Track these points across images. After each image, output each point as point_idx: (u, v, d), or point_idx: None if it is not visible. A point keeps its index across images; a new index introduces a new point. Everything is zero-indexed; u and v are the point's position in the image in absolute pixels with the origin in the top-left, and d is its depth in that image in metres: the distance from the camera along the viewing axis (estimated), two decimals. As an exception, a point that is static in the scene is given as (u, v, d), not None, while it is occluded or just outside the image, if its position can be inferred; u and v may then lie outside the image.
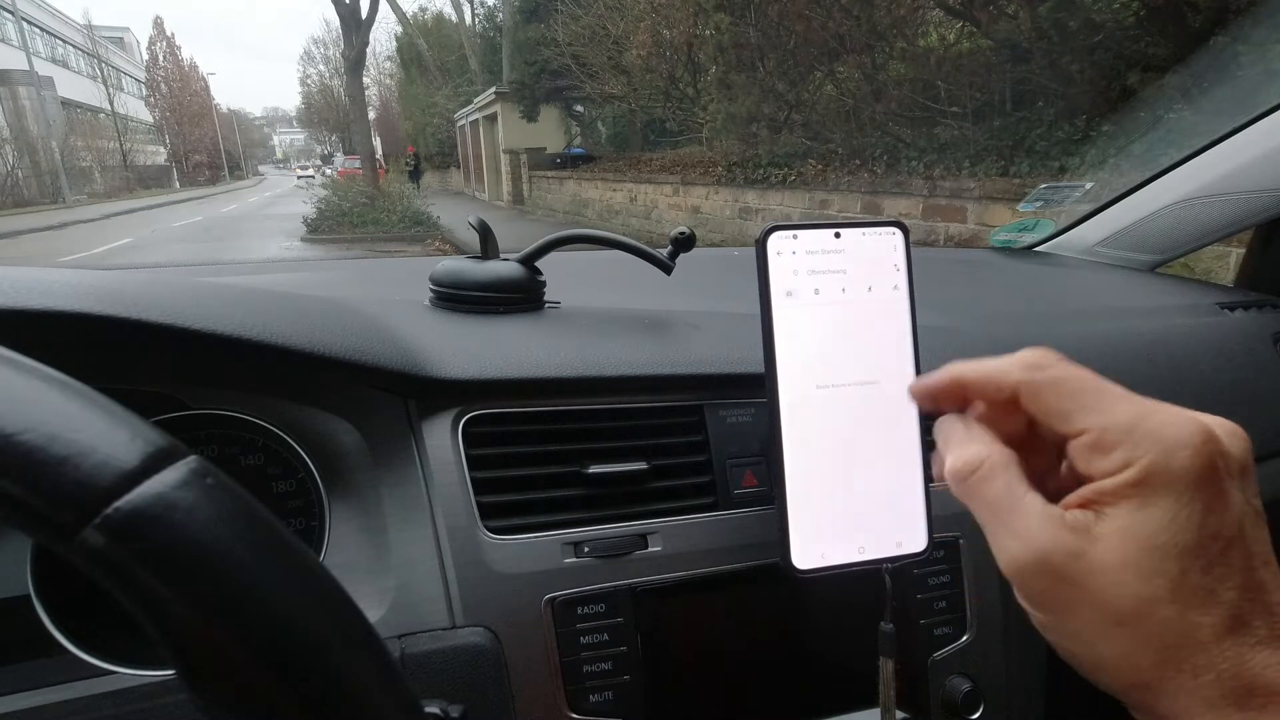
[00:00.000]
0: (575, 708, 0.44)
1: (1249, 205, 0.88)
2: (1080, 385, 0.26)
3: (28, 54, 23.60)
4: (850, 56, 5.52)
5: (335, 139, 58.45)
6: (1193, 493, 0.24)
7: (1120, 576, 0.24)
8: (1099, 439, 0.25)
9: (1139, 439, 0.25)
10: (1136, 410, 0.25)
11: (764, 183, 6.20)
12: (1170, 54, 3.51)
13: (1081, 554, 0.24)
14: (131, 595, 0.19)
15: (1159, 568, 0.24)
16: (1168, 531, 0.24)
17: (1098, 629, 0.25)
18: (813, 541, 0.42)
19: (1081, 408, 0.26)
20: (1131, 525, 0.24)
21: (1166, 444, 0.24)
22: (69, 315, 0.35)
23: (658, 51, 8.34)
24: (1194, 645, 0.23)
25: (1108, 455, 0.25)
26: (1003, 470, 0.27)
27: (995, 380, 0.28)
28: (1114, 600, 0.24)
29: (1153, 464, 0.24)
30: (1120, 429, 0.25)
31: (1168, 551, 0.24)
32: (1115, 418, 0.25)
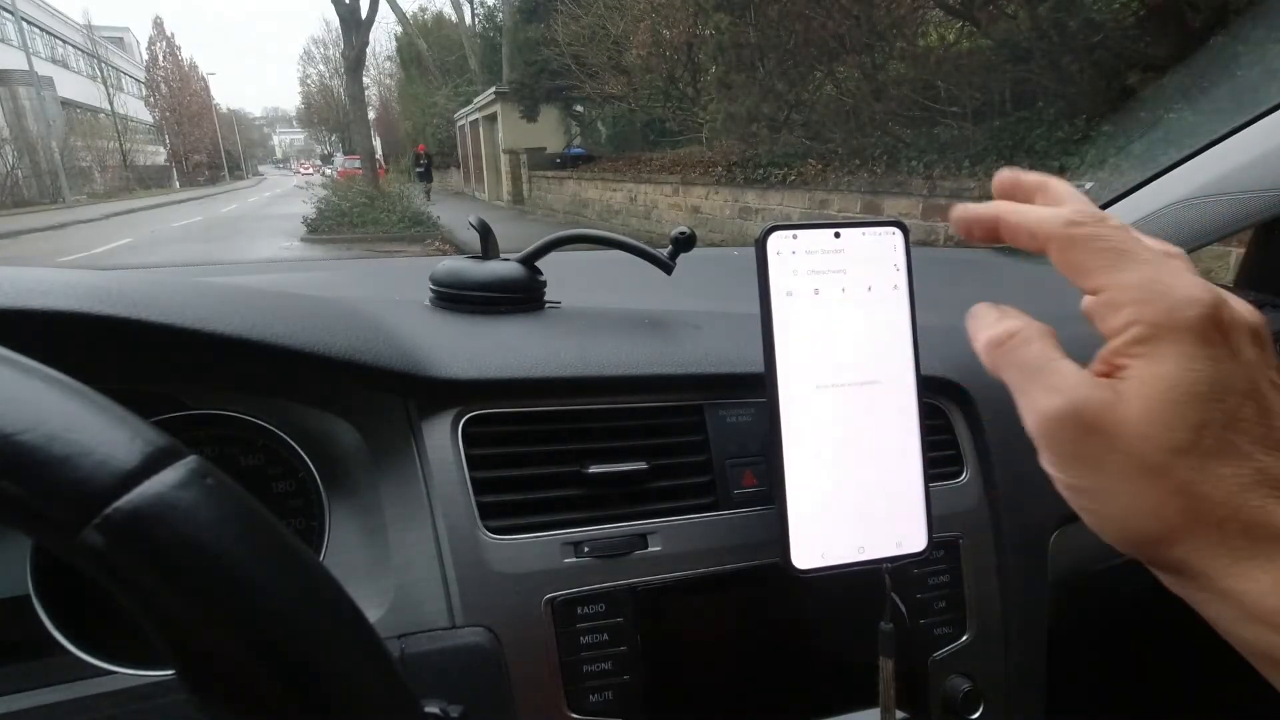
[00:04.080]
0: (575, 708, 0.44)
1: (1249, 205, 0.88)
2: (1109, 245, 0.27)
3: (28, 54, 23.58)
4: (850, 56, 5.52)
5: (335, 139, 58.46)
6: (1199, 344, 0.24)
7: (1146, 428, 0.24)
8: (1112, 297, 0.26)
9: (1147, 297, 0.25)
10: (1154, 272, 0.26)
11: (764, 183, 6.20)
12: (1170, 54, 3.51)
13: (1111, 405, 0.25)
14: (131, 595, 0.19)
15: (1180, 419, 0.24)
16: (1181, 383, 0.24)
17: (1125, 481, 0.25)
18: (813, 541, 0.42)
19: (1104, 265, 0.26)
20: (1147, 379, 0.24)
21: (1172, 301, 0.25)
22: (69, 315, 0.35)
23: (658, 51, 8.35)
24: (1219, 495, 0.24)
25: (1118, 313, 0.26)
26: (1039, 337, 0.28)
27: (1031, 228, 0.29)
28: (1141, 451, 0.24)
29: (1157, 319, 0.25)
30: (1133, 287, 0.25)
31: (1185, 403, 0.24)
32: (1131, 277, 0.26)
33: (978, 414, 0.56)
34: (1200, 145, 0.91)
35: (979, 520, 0.55)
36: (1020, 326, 0.29)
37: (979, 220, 0.31)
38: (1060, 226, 0.28)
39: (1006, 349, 0.29)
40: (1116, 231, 0.27)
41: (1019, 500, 0.55)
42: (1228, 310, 0.25)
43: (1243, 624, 0.24)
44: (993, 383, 0.60)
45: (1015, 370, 0.28)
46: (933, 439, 0.54)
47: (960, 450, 0.56)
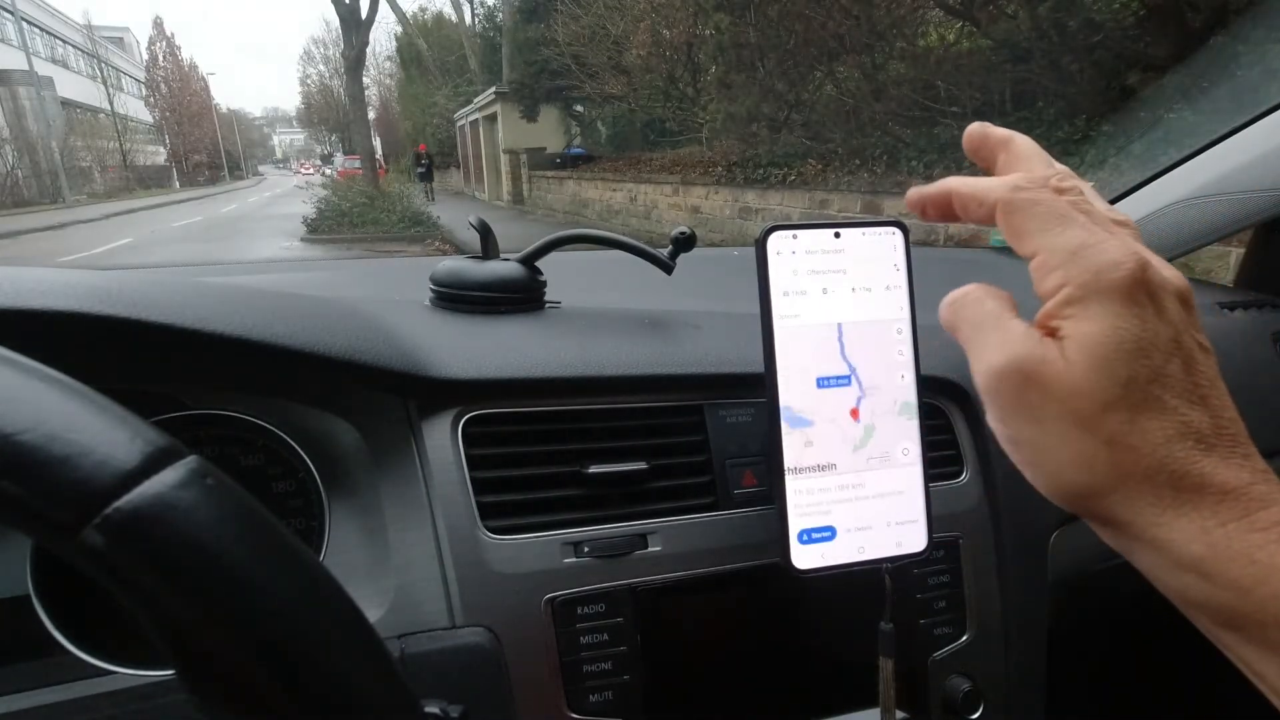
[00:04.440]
0: (575, 708, 0.44)
1: (1249, 205, 0.88)
2: (1048, 210, 0.28)
3: (28, 54, 23.59)
4: (850, 56, 5.52)
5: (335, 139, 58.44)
6: (1124, 303, 0.25)
7: (1078, 383, 0.25)
8: (1044, 260, 0.27)
9: (1076, 260, 0.26)
10: (1085, 236, 0.27)
11: (764, 183, 6.20)
12: (1170, 54, 3.51)
13: (1049, 361, 0.26)
14: (131, 595, 0.19)
15: (1109, 374, 0.25)
16: (1109, 340, 0.25)
17: (1059, 434, 0.26)
18: (812, 541, 0.42)
19: (1040, 229, 0.27)
20: (1078, 337, 0.26)
21: (1099, 264, 0.26)
22: (68, 315, 0.35)
23: (658, 51, 8.35)
24: (1146, 448, 0.25)
25: (1050, 275, 0.27)
26: (991, 297, 0.30)
27: (979, 195, 0.30)
28: (1074, 405, 0.26)
29: (1084, 283, 0.26)
30: (1062, 250, 0.27)
31: (1113, 359, 0.25)
32: (1062, 240, 0.27)
33: (978, 414, 0.56)
34: (1200, 145, 0.91)
35: (979, 520, 0.55)
36: (976, 290, 0.30)
37: (931, 199, 0.32)
38: (1005, 191, 0.29)
39: (960, 304, 0.30)
40: (1057, 198, 0.28)
41: (1019, 500, 0.55)
42: (1154, 272, 0.26)
43: (1170, 572, 0.25)
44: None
45: (967, 325, 0.30)
46: (933, 439, 0.54)
47: (960, 450, 0.56)
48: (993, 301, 0.29)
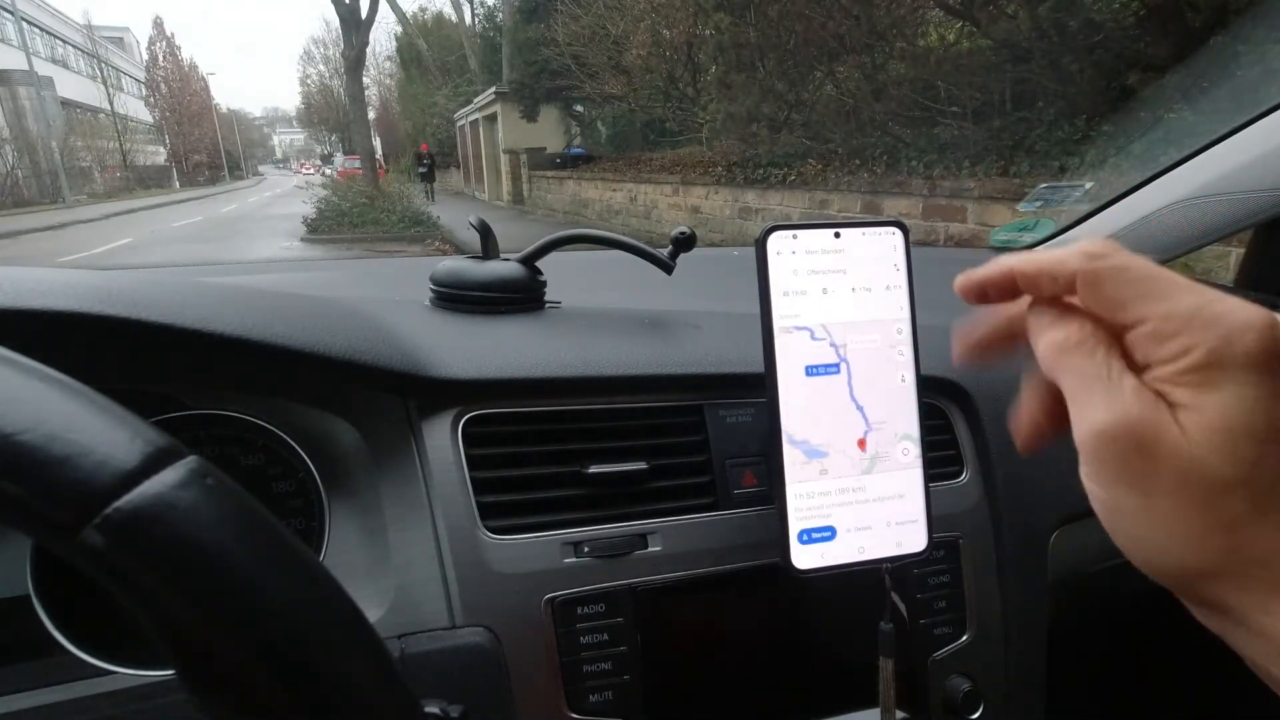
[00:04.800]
0: (575, 708, 0.44)
1: (1249, 205, 0.88)
2: (1141, 273, 0.26)
3: (28, 54, 23.58)
4: (850, 56, 5.52)
5: (335, 139, 58.44)
6: (1259, 375, 0.23)
7: (1200, 458, 0.23)
8: (1159, 327, 0.25)
9: (1200, 324, 0.24)
10: (1199, 297, 0.25)
11: (764, 183, 6.20)
12: (1170, 54, 3.51)
13: (1167, 429, 0.24)
14: (131, 595, 0.19)
15: (1235, 452, 0.23)
16: (1237, 414, 0.23)
17: (1169, 510, 0.24)
18: (812, 541, 0.42)
19: (1141, 295, 0.25)
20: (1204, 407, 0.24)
21: (1228, 328, 0.24)
22: (68, 315, 0.35)
23: (658, 51, 8.34)
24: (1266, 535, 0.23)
25: (1168, 342, 0.25)
26: (1104, 346, 0.27)
27: (1051, 270, 0.28)
28: (1191, 480, 0.24)
29: (1214, 348, 0.24)
30: (1181, 315, 0.24)
31: (1240, 435, 0.23)
32: (1176, 305, 0.25)
33: (978, 414, 0.56)
34: (1200, 145, 0.91)
35: (979, 520, 0.55)
36: (1088, 333, 0.27)
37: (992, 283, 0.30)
38: (1083, 261, 0.26)
39: (1069, 353, 0.27)
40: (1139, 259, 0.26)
41: (1019, 500, 0.55)
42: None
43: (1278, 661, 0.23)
44: (993, 383, 0.60)
45: (1074, 376, 0.27)
46: (933, 439, 0.54)
47: (960, 450, 0.56)
48: (1103, 350, 0.26)
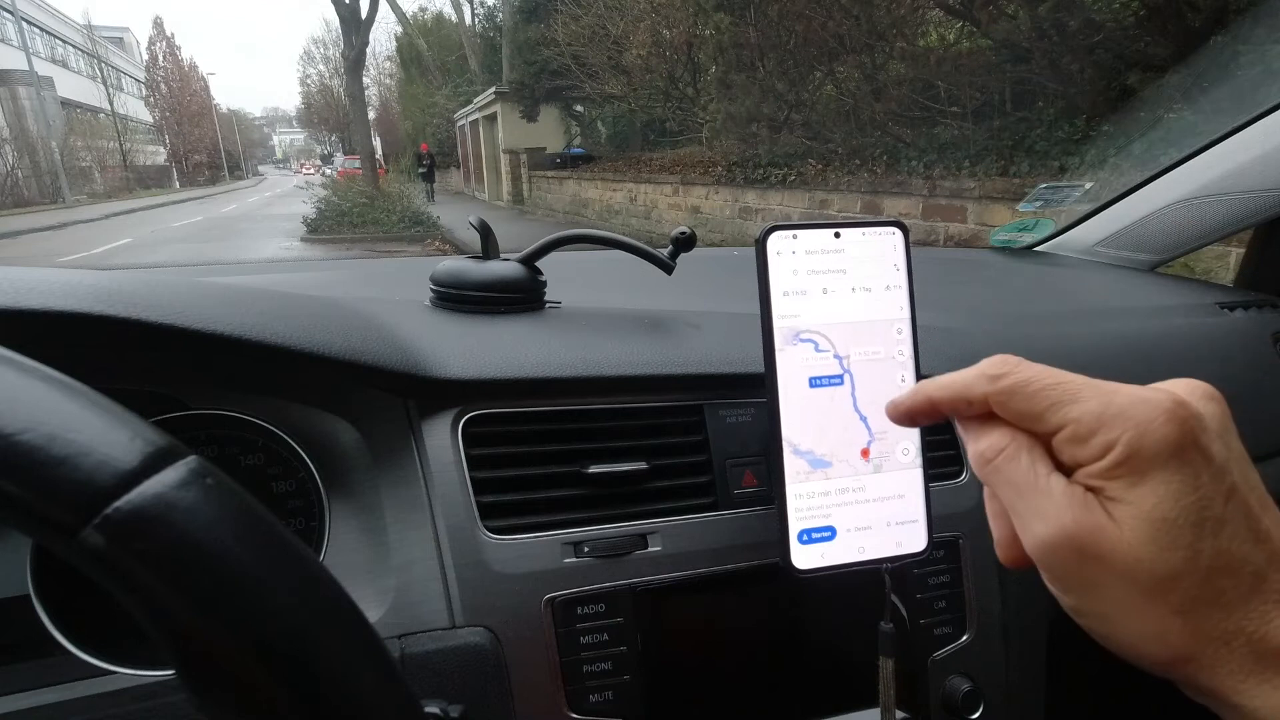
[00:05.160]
0: (575, 708, 0.44)
1: (1249, 205, 0.88)
2: (1043, 383, 0.27)
3: (28, 54, 23.59)
4: (850, 56, 5.52)
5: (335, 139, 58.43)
6: (1178, 461, 0.24)
7: (1140, 553, 0.24)
8: (1075, 431, 0.26)
9: (1111, 422, 0.25)
10: (1103, 395, 0.26)
11: (764, 183, 6.20)
12: (1170, 54, 3.51)
13: (1103, 530, 0.25)
14: (131, 595, 0.19)
15: (1174, 539, 0.24)
16: (1168, 503, 0.24)
17: (1126, 606, 0.25)
18: (812, 541, 0.42)
19: (1051, 405, 0.27)
20: (1135, 502, 0.24)
21: (1138, 421, 0.25)
22: (68, 315, 0.35)
23: (658, 51, 8.34)
24: (1220, 611, 0.24)
25: (1087, 443, 0.26)
26: (1026, 452, 0.28)
27: (963, 397, 0.29)
28: (1137, 576, 0.24)
29: (1130, 443, 0.25)
30: (1092, 416, 0.25)
31: (1176, 523, 0.24)
32: (1085, 407, 0.26)
33: (978, 414, 0.56)
34: (1200, 145, 0.91)
35: (979, 520, 0.55)
36: (1006, 441, 0.28)
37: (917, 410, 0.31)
38: (987, 384, 0.28)
39: (996, 465, 0.28)
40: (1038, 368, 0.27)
41: (1019, 500, 0.55)
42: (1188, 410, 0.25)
43: None
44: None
45: (1006, 487, 0.28)
46: (933, 439, 0.54)
47: (960, 450, 0.56)
48: (1027, 455, 0.27)
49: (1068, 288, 0.93)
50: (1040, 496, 0.26)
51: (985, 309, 0.75)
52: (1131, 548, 0.24)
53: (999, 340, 0.64)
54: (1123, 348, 0.70)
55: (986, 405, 0.28)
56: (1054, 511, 0.26)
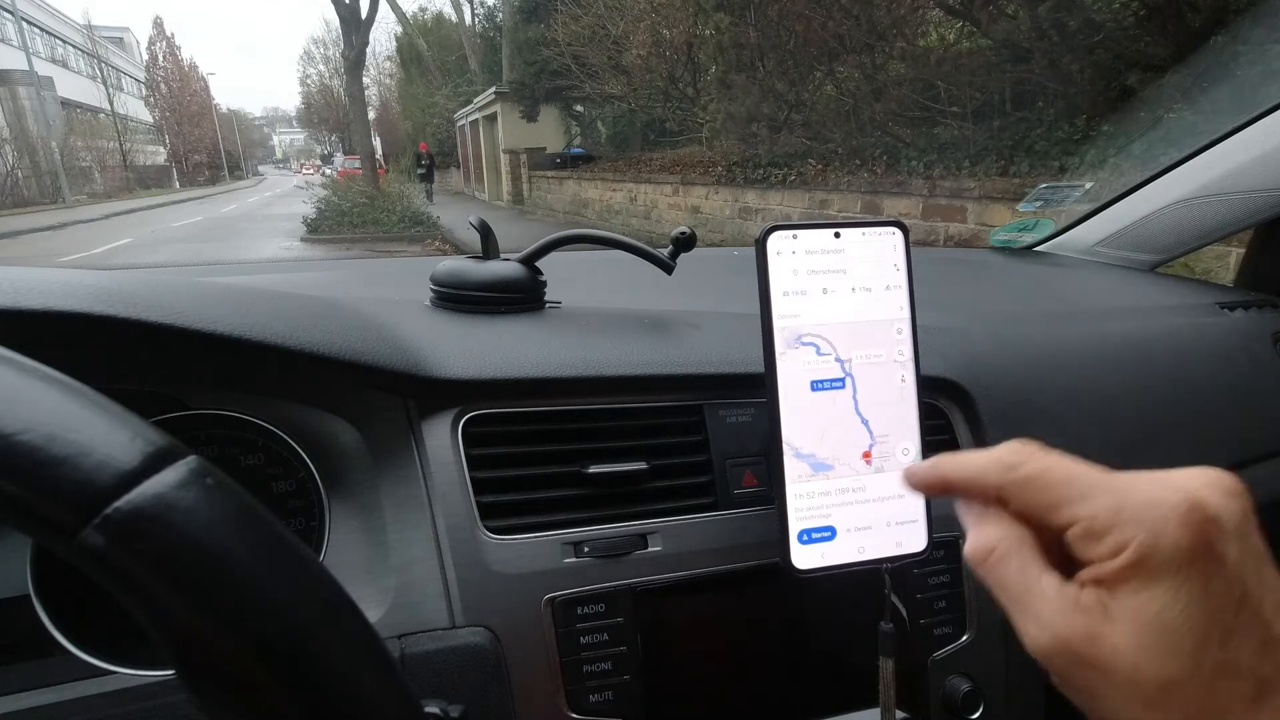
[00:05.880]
0: (575, 708, 0.44)
1: (1249, 205, 0.88)
2: (1057, 477, 0.27)
3: (28, 54, 23.58)
4: (850, 56, 5.52)
5: (335, 139, 58.43)
6: (1189, 569, 0.24)
7: (1139, 658, 0.24)
8: (1088, 528, 0.25)
9: (1125, 522, 0.25)
10: (1118, 492, 0.25)
11: (764, 183, 6.20)
12: (1170, 54, 3.51)
13: (1099, 637, 0.24)
14: (131, 595, 0.19)
15: (1175, 647, 0.23)
16: (1174, 611, 0.24)
17: (1128, 711, 0.24)
18: (812, 541, 0.42)
19: (1064, 499, 0.26)
20: (1140, 607, 0.24)
21: (1153, 524, 0.24)
22: (68, 315, 0.35)
23: (658, 51, 8.34)
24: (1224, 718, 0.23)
25: (1100, 541, 0.25)
26: (1017, 552, 0.27)
27: (977, 483, 0.29)
28: (1138, 683, 0.24)
29: (1143, 546, 0.24)
30: (1106, 515, 0.25)
31: (1180, 631, 0.23)
32: (1099, 504, 0.25)
33: (978, 414, 0.56)
34: (1200, 145, 0.91)
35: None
36: (996, 540, 0.28)
37: (928, 485, 0.32)
38: (1002, 473, 0.28)
39: (988, 567, 0.28)
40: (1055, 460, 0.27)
41: (1019, 500, 0.55)
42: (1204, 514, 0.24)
43: None
44: (993, 383, 0.60)
45: (1001, 590, 0.28)
46: (933, 439, 0.54)
47: (960, 450, 0.56)
48: (1017, 557, 0.27)
49: (1068, 288, 0.93)
50: (1033, 600, 0.26)
51: (985, 309, 0.75)
52: (1130, 654, 0.24)
53: (999, 340, 0.64)
54: (1123, 348, 0.70)
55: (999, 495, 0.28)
56: (1047, 617, 0.26)
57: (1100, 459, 0.27)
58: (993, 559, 0.28)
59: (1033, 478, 0.27)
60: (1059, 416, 0.61)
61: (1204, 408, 0.70)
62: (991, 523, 0.29)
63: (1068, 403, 0.62)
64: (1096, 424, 0.62)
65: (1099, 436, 0.62)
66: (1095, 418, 0.63)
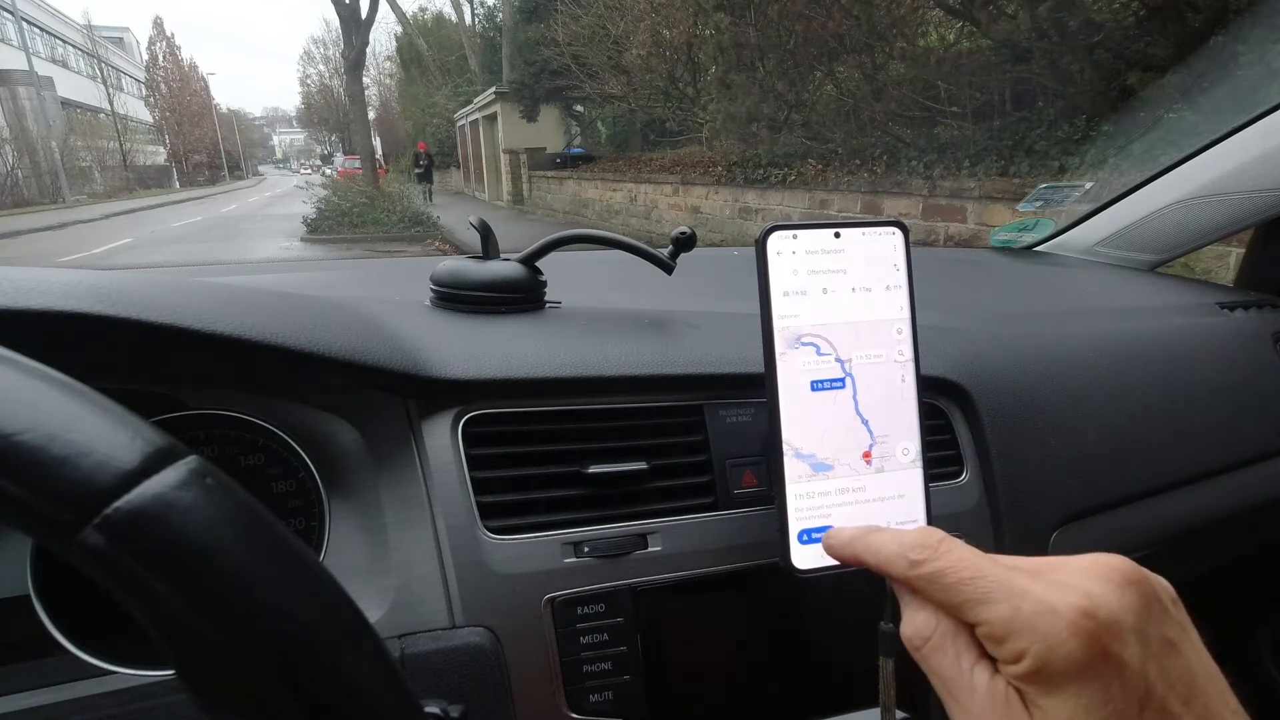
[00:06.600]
0: (575, 708, 0.44)
1: (1249, 205, 0.88)
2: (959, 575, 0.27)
3: (28, 54, 23.60)
4: (850, 56, 5.52)
5: (335, 139, 58.45)
6: (1086, 676, 0.24)
7: None
8: (989, 633, 0.26)
9: (1020, 632, 0.25)
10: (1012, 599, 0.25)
11: (764, 183, 6.20)
12: (1170, 54, 3.51)
13: None
14: (131, 595, 0.19)
15: None
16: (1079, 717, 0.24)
17: None
18: (813, 541, 0.42)
19: (967, 601, 0.27)
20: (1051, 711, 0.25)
21: (1044, 635, 0.24)
22: (68, 315, 0.35)
23: (658, 51, 8.34)
24: None
25: (1001, 647, 0.26)
26: (952, 642, 0.28)
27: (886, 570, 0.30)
28: None
29: (1038, 658, 0.24)
30: (1003, 622, 0.25)
31: None
32: (995, 612, 0.26)
33: (978, 414, 0.56)
34: (1200, 145, 0.91)
35: (979, 520, 0.55)
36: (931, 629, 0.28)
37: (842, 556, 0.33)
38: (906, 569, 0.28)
39: (922, 655, 0.29)
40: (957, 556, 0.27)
41: (1019, 500, 0.55)
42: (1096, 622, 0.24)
43: None
44: (993, 383, 0.60)
45: (933, 675, 0.28)
46: (933, 439, 0.54)
47: (960, 450, 0.56)
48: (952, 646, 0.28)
49: (1068, 288, 0.93)
50: (963, 694, 0.27)
51: (985, 309, 0.75)
52: None
53: (999, 340, 0.64)
54: (1123, 348, 0.70)
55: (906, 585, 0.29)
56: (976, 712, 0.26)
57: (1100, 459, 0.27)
58: (927, 648, 0.28)
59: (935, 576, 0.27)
60: (1059, 416, 0.61)
61: (1204, 408, 0.70)
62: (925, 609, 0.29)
63: (1068, 402, 0.62)
64: (1096, 424, 0.62)
65: (1098, 436, 0.62)
66: (1095, 417, 0.63)
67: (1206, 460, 0.69)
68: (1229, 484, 0.70)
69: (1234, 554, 0.86)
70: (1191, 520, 0.68)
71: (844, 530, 0.33)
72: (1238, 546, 0.83)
